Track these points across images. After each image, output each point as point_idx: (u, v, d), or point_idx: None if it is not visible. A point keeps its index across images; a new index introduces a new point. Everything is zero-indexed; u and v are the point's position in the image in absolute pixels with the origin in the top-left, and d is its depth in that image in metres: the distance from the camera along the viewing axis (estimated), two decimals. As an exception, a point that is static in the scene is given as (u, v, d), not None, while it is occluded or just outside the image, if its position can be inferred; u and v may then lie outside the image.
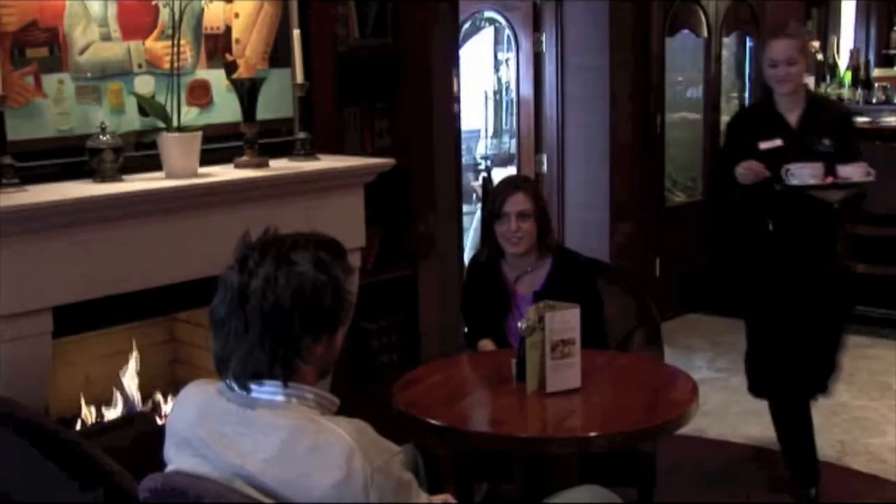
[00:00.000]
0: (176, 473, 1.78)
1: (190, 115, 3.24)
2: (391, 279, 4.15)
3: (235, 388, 1.76)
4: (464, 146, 5.45)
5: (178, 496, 1.73)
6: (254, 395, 1.75)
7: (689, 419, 2.62)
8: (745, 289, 3.74)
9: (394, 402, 2.65)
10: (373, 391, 3.52)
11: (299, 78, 3.43)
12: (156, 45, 3.21)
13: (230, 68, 3.41)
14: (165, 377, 3.51)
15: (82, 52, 3.04)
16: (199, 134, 3.13)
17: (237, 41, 3.45)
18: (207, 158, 3.21)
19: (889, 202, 4.86)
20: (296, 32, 3.43)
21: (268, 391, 1.75)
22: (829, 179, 3.42)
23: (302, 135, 3.49)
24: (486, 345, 3.21)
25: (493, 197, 3.26)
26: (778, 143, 3.51)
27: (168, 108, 3.09)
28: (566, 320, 2.63)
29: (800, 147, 3.49)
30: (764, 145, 3.52)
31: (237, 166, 3.28)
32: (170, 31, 3.16)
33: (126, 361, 3.31)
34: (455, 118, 4.66)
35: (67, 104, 3.02)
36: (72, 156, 3.00)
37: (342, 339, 1.87)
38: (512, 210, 3.17)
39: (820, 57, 7.63)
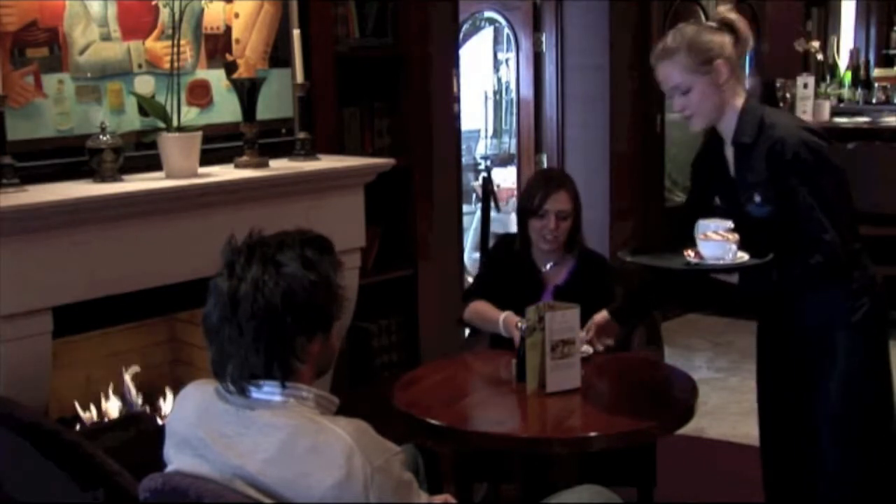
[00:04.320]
0: (176, 473, 1.78)
1: (190, 115, 3.24)
2: (391, 279, 4.15)
3: (234, 391, 1.77)
4: (464, 146, 5.45)
5: (178, 496, 1.73)
6: (253, 395, 1.76)
7: (689, 419, 2.62)
8: None
9: (394, 402, 2.65)
10: (373, 391, 3.53)
11: (299, 78, 3.43)
12: (156, 45, 3.21)
13: (230, 68, 3.41)
14: (165, 377, 3.51)
15: (82, 52, 3.04)
16: (199, 134, 3.13)
17: (237, 41, 3.46)
18: (207, 158, 3.21)
19: (891, 202, 4.85)
20: (296, 32, 3.43)
21: (266, 392, 1.75)
22: (691, 254, 2.51)
23: (302, 135, 3.50)
24: (480, 305, 3.18)
25: (532, 192, 3.19)
26: (719, 201, 2.67)
27: (168, 108, 3.10)
28: (566, 320, 2.63)
29: (733, 207, 2.59)
30: (716, 200, 2.69)
31: (237, 166, 3.29)
32: (170, 31, 3.16)
33: (126, 362, 3.31)
34: (455, 118, 4.66)
35: (67, 104, 3.02)
36: (72, 156, 3.00)
37: (339, 336, 1.87)
38: (553, 209, 3.12)
39: (820, 57, 7.63)
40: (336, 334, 1.84)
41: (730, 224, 2.49)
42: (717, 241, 2.45)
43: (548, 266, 3.21)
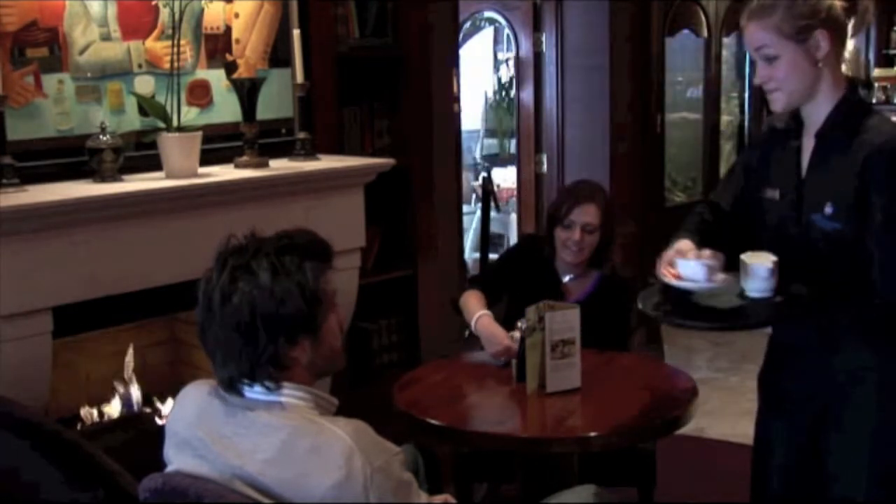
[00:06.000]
0: (176, 473, 1.78)
1: (190, 115, 3.24)
2: (391, 279, 4.15)
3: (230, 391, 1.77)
4: (464, 146, 5.46)
5: (178, 496, 1.73)
6: (249, 396, 1.76)
7: (689, 419, 2.61)
8: None
9: (394, 402, 2.65)
10: (373, 391, 3.52)
11: (299, 78, 3.43)
12: (156, 45, 3.21)
13: (230, 68, 3.41)
14: (165, 377, 3.50)
15: (82, 52, 3.04)
16: (199, 134, 3.13)
17: (237, 41, 3.46)
18: (207, 158, 3.21)
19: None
20: (296, 32, 3.43)
21: (262, 392, 1.75)
22: (669, 273, 2.21)
23: (302, 135, 3.50)
24: (473, 295, 3.08)
25: (561, 200, 3.16)
26: (775, 195, 2.22)
27: (168, 108, 3.09)
28: (566, 320, 2.63)
29: (798, 211, 2.16)
30: (767, 192, 2.24)
31: (237, 166, 3.29)
32: (170, 31, 3.16)
33: (126, 362, 3.30)
34: (455, 118, 4.66)
35: (67, 104, 3.02)
36: (72, 156, 3.00)
37: (337, 336, 1.85)
38: (579, 220, 3.07)
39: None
40: (330, 335, 1.82)
41: (773, 258, 2.13)
42: (690, 262, 2.19)
43: (567, 278, 3.17)
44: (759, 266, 2.13)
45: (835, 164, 2.08)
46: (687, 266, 2.18)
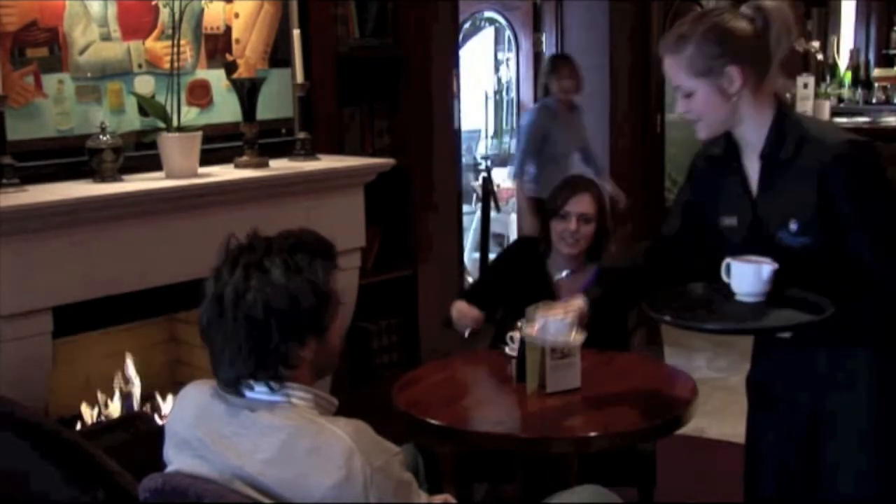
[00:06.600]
0: (176, 473, 1.78)
1: (190, 115, 3.24)
2: (391, 279, 4.15)
3: (230, 391, 1.77)
4: (464, 146, 5.46)
5: (178, 496, 1.73)
6: (250, 396, 1.76)
7: (689, 419, 2.61)
8: None
9: (394, 402, 2.65)
10: (373, 391, 3.53)
11: (299, 78, 3.43)
12: (156, 45, 3.21)
13: (230, 68, 3.41)
14: (165, 377, 3.51)
15: (82, 52, 3.04)
16: (199, 134, 3.13)
17: (237, 41, 3.46)
18: (207, 158, 3.21)
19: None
20: (296, 32, 3.43)
21: (263, 392, 1.75)
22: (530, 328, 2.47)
23: (302, 135, 3.50)
24: (462, 307, 3.09)
25: (556, 193, 3.19)
26: (733, 222, 2.21)
27: (168, 108, 3.10)
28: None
29: (760, 233, 2.15)
30: (724, 220, 2.23)
31: (237, 166, 3.29)
32: (170, 31, 3.17)
33: (125, 362, 3.31)
34: (455, 118, 4.66)
35: (67, 104, 3.02)
36: (72, 156, 3.00)
37: (339, 336, 1.85)
38: (574, 210, 3.09)
39: (820, 57, 7.64)
40: (335, 335, 1.83)
41: (771, 265, 2.10)
42: (544, 319, 2.42)
43: (563, 274, 3.17)
44: (763, 267, 2.12)
45: (787, 181, 2.09)
46: (539, 321, 2.45)
